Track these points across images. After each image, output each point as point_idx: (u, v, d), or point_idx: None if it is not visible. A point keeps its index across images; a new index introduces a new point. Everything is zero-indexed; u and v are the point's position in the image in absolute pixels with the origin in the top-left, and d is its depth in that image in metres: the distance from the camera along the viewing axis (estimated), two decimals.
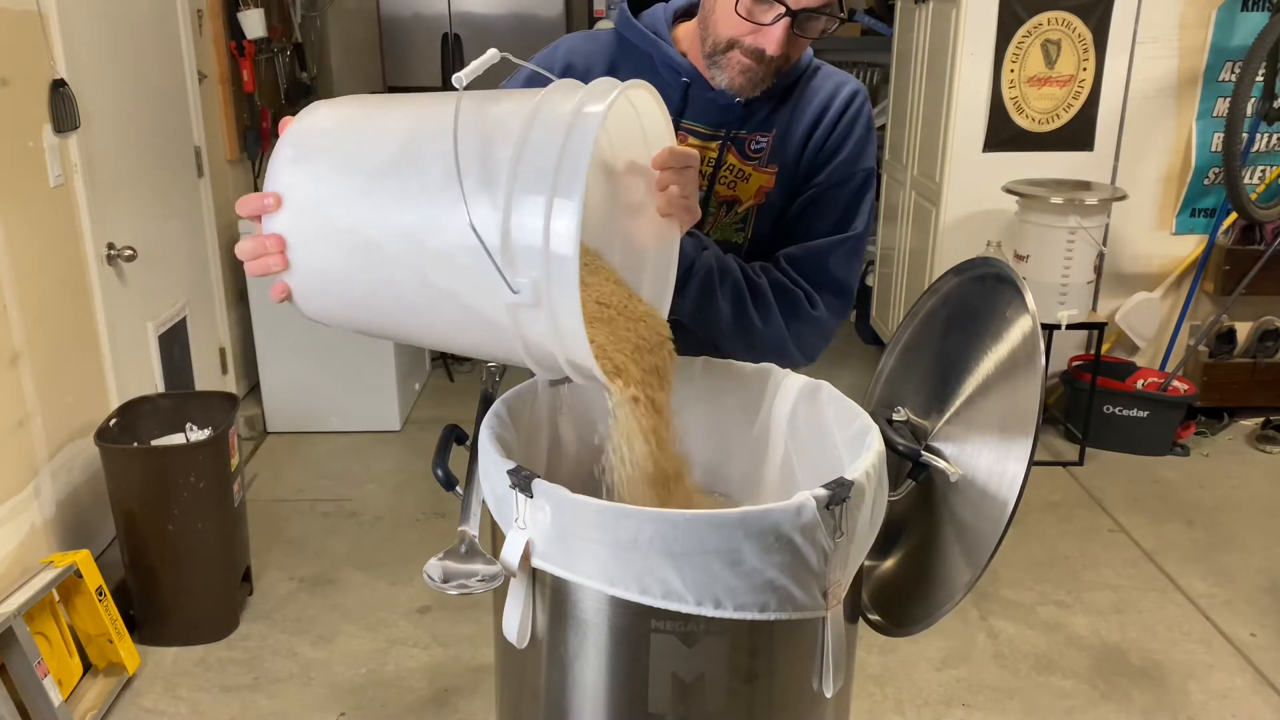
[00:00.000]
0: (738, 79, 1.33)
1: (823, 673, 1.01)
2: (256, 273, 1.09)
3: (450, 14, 5.08)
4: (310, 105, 1.13)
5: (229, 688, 2.55)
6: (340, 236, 1.04)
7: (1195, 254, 4.05)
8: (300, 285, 1.10)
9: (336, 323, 1.15)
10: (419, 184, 0.99)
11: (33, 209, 2.53)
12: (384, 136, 1.06)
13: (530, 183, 0.92)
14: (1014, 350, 1.14)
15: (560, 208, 0.91)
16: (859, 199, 1.42)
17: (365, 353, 3.92)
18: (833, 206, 1.41)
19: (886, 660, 2.66)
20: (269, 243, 1.06)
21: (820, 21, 1.28)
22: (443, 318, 1.03)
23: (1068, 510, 3.50)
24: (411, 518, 3.40)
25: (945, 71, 3.90)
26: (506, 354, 1.03)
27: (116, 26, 3.05)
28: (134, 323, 3.09)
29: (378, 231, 1.01)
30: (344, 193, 1.04)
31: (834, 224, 1.41)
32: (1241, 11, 3.76)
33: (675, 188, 1.13)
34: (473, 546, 1.03)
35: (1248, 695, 2.58)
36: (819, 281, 1.39)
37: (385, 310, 1.08)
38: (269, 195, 1.05)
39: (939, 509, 1.18)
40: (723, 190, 1.42)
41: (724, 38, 1.30)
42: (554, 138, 0.94)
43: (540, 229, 0.91)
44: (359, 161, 1.05)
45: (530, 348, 0.99)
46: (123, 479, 2.59)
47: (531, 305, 0.93)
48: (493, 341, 1.02)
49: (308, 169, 1.07)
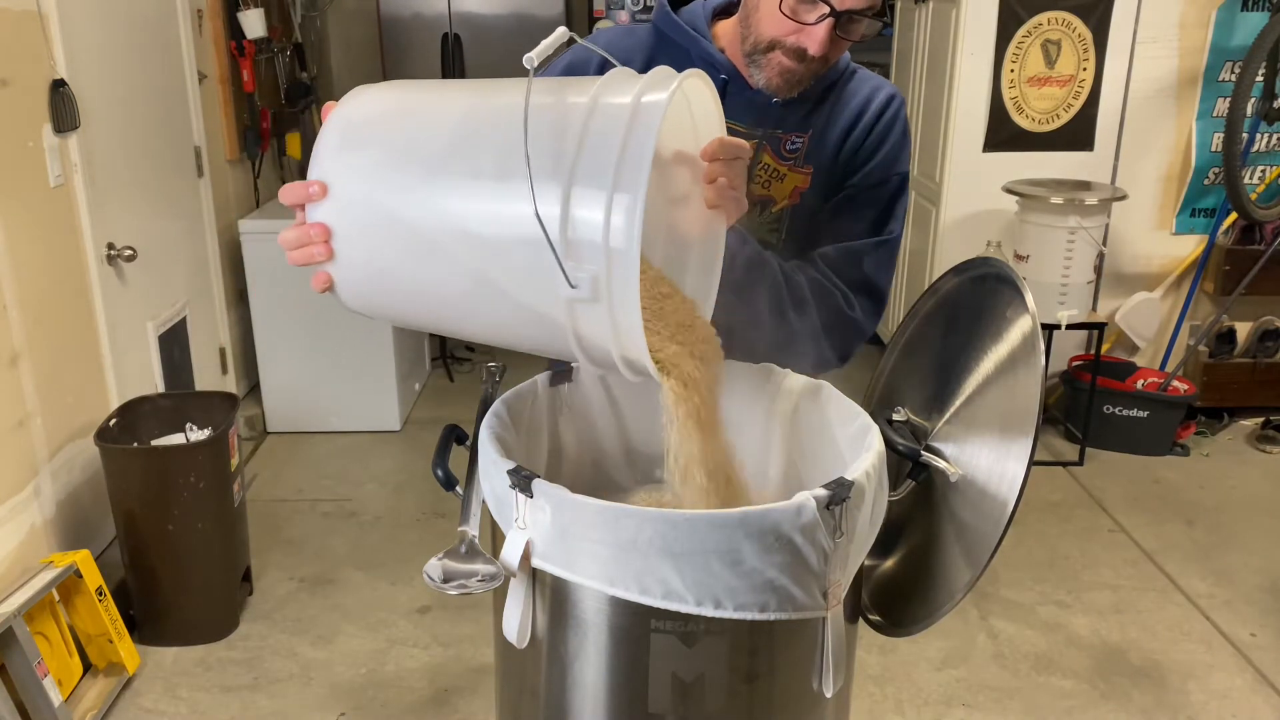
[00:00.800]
0: (776, 79, 1.32)
1: (823, 673, 1.01)
2: (299, 262, 1.06)
3: (450, 14, 5.08)
4: (354, 90, 1.10)
5: (229, 688, 2.55)
6: (389, 228, 1.02)
7: (1195, 254, 4.05)
8: (344, 276, 1.07)
9: (379, 314, 1.13)
10: (473, 176, 0.97)
11: (33, 209, 2.54)
12: (435, 125, 1.03)
13: (591, 175, 0.91)
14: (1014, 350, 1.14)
15: (621, 202, 0.89)
16: (894, 202, 1.42)
17: (365, 353, 3.92)
18: (868, 208, 1.41)
19: (886, 660, 2.66)
20: (314, 232, 1.03)
21: (862, 24, 1.28)
22: (493, 311, 1.01)
23: (1068, 510, 3.50)
24: (411, 518, 3.40)
25: (945, 71, 3.90)
26: (557, 348, 1.01)
27: (116, 26, 3.05)
28: (134, 323, 3.09)
29: (429, 224, 0.99)
30: (394, 183, 1.02)
31: (870, 226, 1.41)
32: (1241, 11, 3.76)
33: (724, 179, 1.11)
34: (473, 546, 1.03)
35: (1248, 695, 2.58)
36: (855, 282, 1.39)
37: (432, 303, 1.06)
38: (314, 184, 1.03)
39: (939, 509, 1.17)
40: (758, 189, 1.41)
41: (766, 37, 1.30)
42: (615, 129, 0.92)
43: (601, 223, 0.90)
44: (410, 151, 1.02)
45: (584, 342, 0.98)
46: (123, 479, 2.59)
47: (590, 300, 0.92)
48: (544, 336, 1.00)
49: (355, 157, 1.04)
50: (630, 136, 0.91)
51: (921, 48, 4.20)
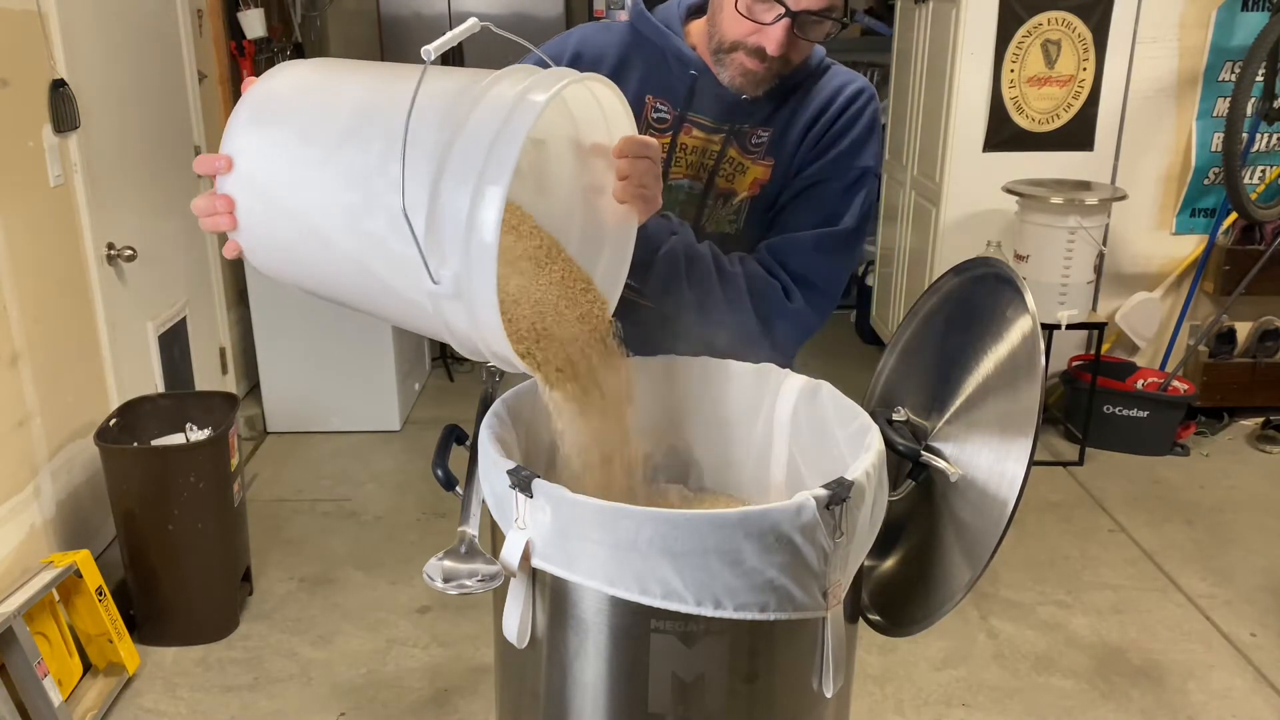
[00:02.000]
0: (739, 78, 1.35)
1: (823, 673, 1.01)
2: (208, 228, 1.12)
3: (450, 14, 5.08)
4: (275, 67, 1.13)
5: (229, 688, 2.55)
6: (282, 207, 1.06)
7: (1195, 254, 4.05)
8: (249, 245, 1.12)
9: (287, 283, 1.16)
10: (360, 163, 1.00)
11: (33, 209, 2.53)
12: (334, 110, 1.06)
13: (460, 168, 0.91)
14: (1014, 350, 1.14)
15: (485, 195, 0.90)
16: (851, 195, 1.42)
17: (365, 353, 3.92)
18: (822, 200, 1.41)
19: (886, 660, 2.66)
20: (219, 203, 1.09)
21: (825, 25, 1.30)
22: (375, 296, 1.05)
23: (1068, 510, 3.50)
24: (411, 518, 3.40)
25: (945, 71, 3.90)
26: (434, 334, 1.04)
27: (116, 26, 3.04)
28: (134, 323, 3.09)
29: (315, 207, 1.03)
30: (289, 164, 1.06)
31: (822, 218, 1.41)
32: (1241, 11, 3.76)
33: (633, 176, 1.15)
34: (473, 546, 1.03)
35: (1248, 695, 2.58)
36: (797, 274, 1.39)
37: (324, 281, 1.10)
38: (221, 157, 1.08)
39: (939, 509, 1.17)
40: (721, 183, 1.43)
41: (729, 38, 1.33)
42: (491, 124, 0.92)
43: (464, 216, 0.91)
44: (304, 133, 1.06)
45: (453, 332, 1.00)
46: (123, 479, 2.59)
47: (452, 296, 0.94)
48: (423, 323, 1.03)
49: (259, 134, 1.08)
50: (503, 130, 0.92)
51: (921, 48, 4.20)
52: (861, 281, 5.20)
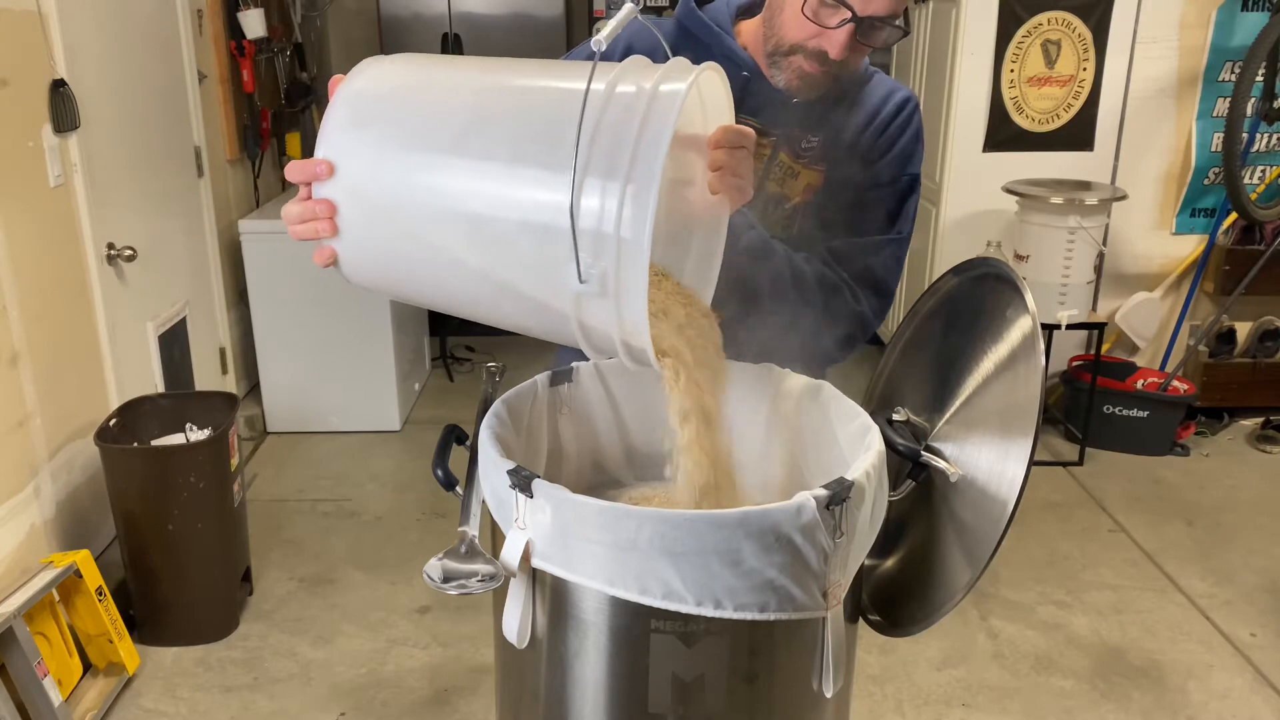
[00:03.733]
0: (796, 81, 1.34)
1: (823, 673, 1.01)
2: (303, 236, 1.06)
3: (450, 14, 5.08)
4: (364, 63, 1.08)
5: (229, 688, 2.55)
6: (395, 210, 1.01)
7: (1195, 254, 4.05)
8: (348, 253, 1.06)
9: (381, 291, 1.12)
10: (483, 161, 0.96)
11: (33, 209, 2.53)
12: (446, 106, 1.02)
13: (604, 167, 0.89)
14: (1014, 350, 1.14)
15: (635, 195, 0.88)
16: (904, 202, 1.43)
17: (365, 353, 3.92)
18: (878, 207, 1.43)
19: (886, 660, 2.66)
20: (319, 208, 1.03)
21: (884, 31, 1.29)
22: (497, 298, 1.01)
23: (1068, 510, 3.50)
24: (411, 518, 3.40)
25: (945, 71, 3.90)
26: (559, 335, 1.01)
27: (116, 26, 3.04)
28: (134, 323, 3.09)
29: (435, 208, 0.98)
30: (402, 164, 1.01)
31: (879, 224, 1.42)
32: (1241, 11, 3.76)
33: (728, 166, 1.12)
34: (473, 546, 1.03)
35: (1248, 695, 2.58)
36: (861, 277, 1.40)
37: (436, 285, 1.05)
38: (321, 163, 1.02)
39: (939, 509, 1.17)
40: (772, 187, 1.43)
41: (789, 40, 1.32)
42: (630, 120, 0.90)
43: (613, 214, 0.88)
44: (420, 131, 1.01)
45: (587, 331, 0.97)
46: (123, 479, 2.59)
47: (598, 295, 0.91)
48: (547, 323, 1.00)
49: (363, 135, 1.02)
50: (645, 127, 0.90)
51: (921, 48, 4.20)
52: None
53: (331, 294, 3.75)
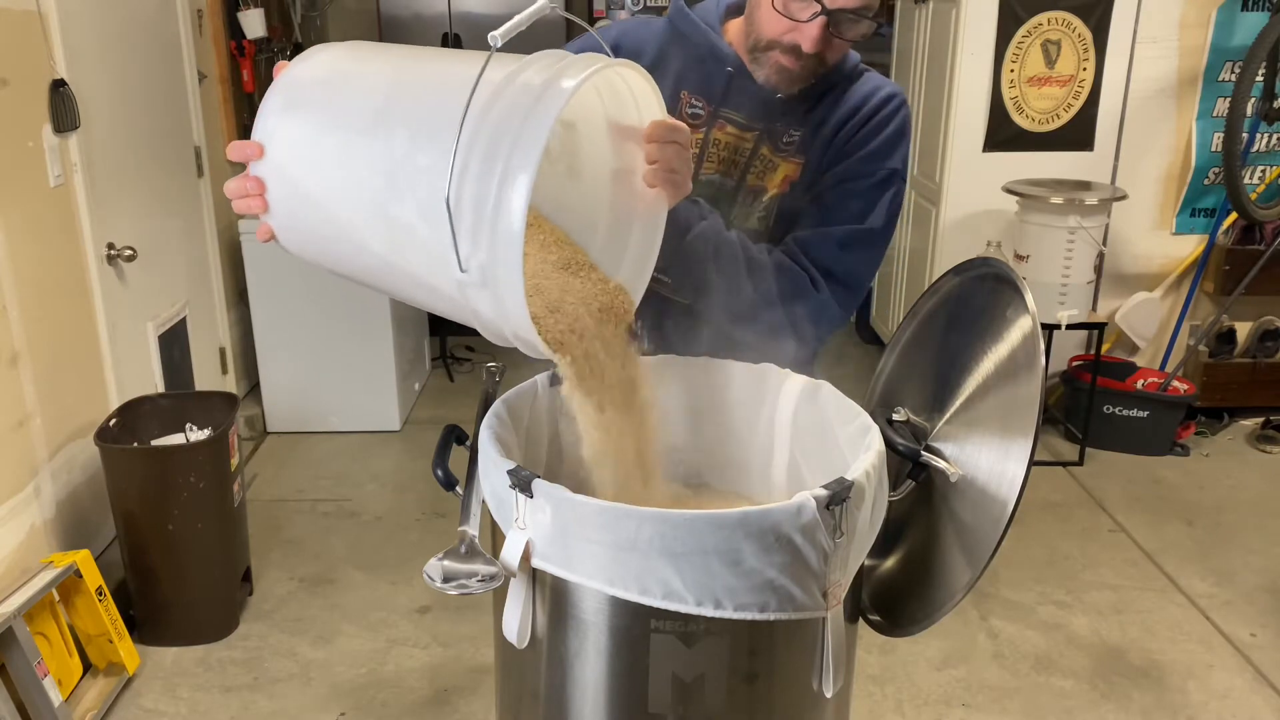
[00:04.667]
0: (774, 76, 1.37)
1: (823, 673, 1.01)
2: (240, 210, 1.13)
3: (450, 14, 5.08)
4: (307, 50, 1.13)
5: (229, 688, 2.55)
6: (313, 190, 1.07)
7: (1195, 254, 4.05)
8: (279, 226, 1.13)
9: (317, 265, 1.17)
10: (386, 149, 0.99)
11: (33, 209, 2.53)
12: (362, 97, 1.05)
13: (488, 155, 0.90)
14: (1014, 350, 1.14)
15: (512, 182, 0.89)
16: (878, 194, 1.43)
17: (365, 353, 3.92)
18: (850, 198, 1.43)
19: (886, 660, 2.66)
20: (250, 185, 1.10)
21: (860, 25, 1.31)
22: (403, 281, 1.04)
23: (1068, 510, 3.50)
24: (411, 518, 3.40)
25: (945, 71, 3.90)
26: (461, 319, 1.04)
27: (116, 26, 3.04)
28: (134, 323, 3.09)
29: (345, 191, 1.03)
30: (319, 148, 1.06)
31: (851, 215, 1.42)
32: (1241, 11, 3.76)
33: (662, 160, 1.15)
34: (473, 546, 1.03)
35: (1248, 695, 2.58)
36: (823, 267, 1.40)
37: (351, 264, 1.10)
38: (253, 144, 1.09)
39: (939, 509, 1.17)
40: (752, 179, 1.45)
41: (765, 36, 1.35)
42: (516, 111, 0.91)
43: (491, 204, 0.90)
44: (337, 119, 1.06)
45: (480, 319, 1.00)
46: (123, 479, 2.59)
47: (479, 285, 0.93)
48: (450, 309, 1.03)
49: (291, 119, 1.08)
50: (528, 119, 0.91)
51: (921, 48, 4.20)
52: None
53: (331, 294, 3.74)
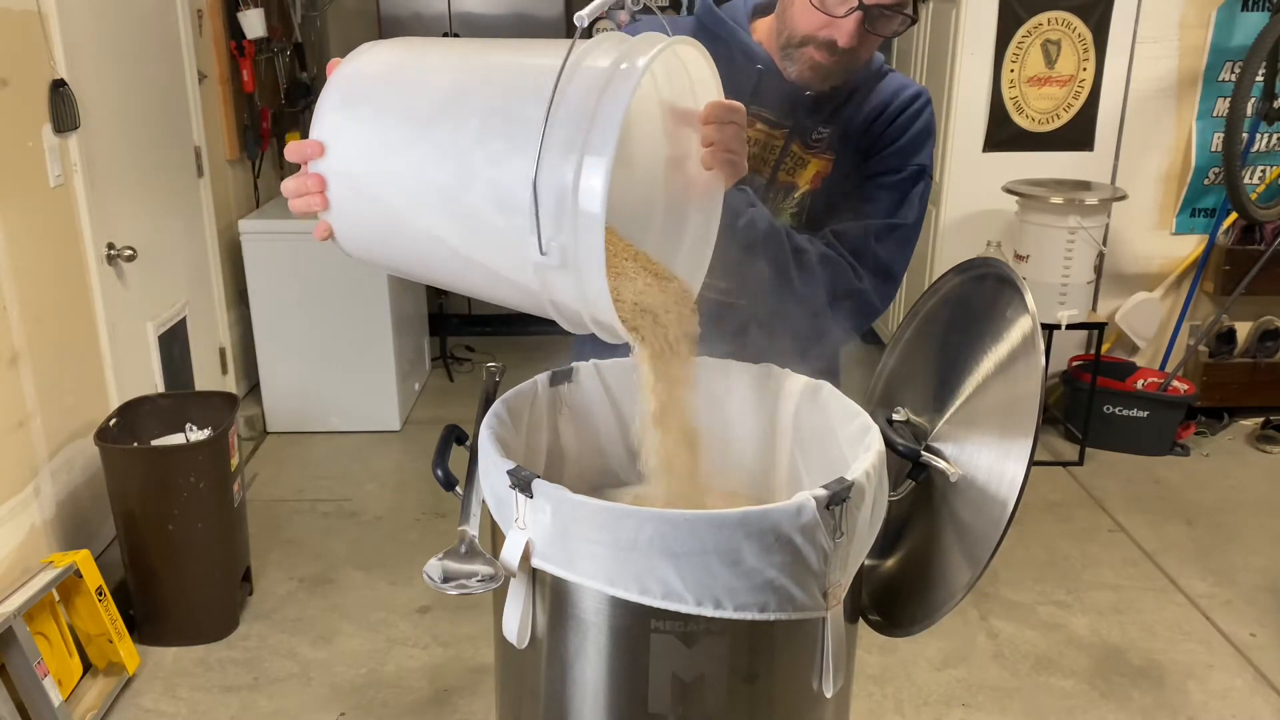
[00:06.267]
0: (807, 72, 1.38)
1: (823, 673, 1.01)
2: (299, 209, 1.10)
3: (450, 14, 5.08)
4: (361, 47, 1.12)
5: (229, 688, 2.55)
6: (378, 186, 1.05)
7: (1195, 254, 4.05)
8: (339, 225, 1.10)
9: (375, 264, 1.15)
10: (455, 138, 0.98)
11: (33, 209, 2.53)
12: (425, 86, 1.05)
13: (565, 138, 0.90)
14: (1014, 350, 1.14)
15: (590, 165, 0.89)
16: (909, 188, 1.45)
17: (365, 353, 3.92)
18: (884, 193, 1.45)
19: (886, 660, 2.66)
20: (310, 183, 1.08)
21: (894, 22, 1.32)
22: (473, 273, 1.03)
23: (1068, 510, 3.50)
24: (411, 518, 3.40)
25: (945, 71, 3.90)
26: (536, 309, 1.02)
27: (116, 26, 3.04)
28: (134, 323, 3.09)
29: (411, 186, 1.02)
30: (382, 144, 1.05)
31: (885, 211, 1.44)
32: (1241, 11, 3.76)
33: (719, 141, 1.14)
34: (473, 546, 1.03)
35: (1248, 695, 2.58)
36: (863, 257, 1.42)
37: (419, 261, 1.08)
38: (312, 143, 1.07)
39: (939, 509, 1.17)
40: (783, 176, 1.47)
41: (800, 32, 1.36)
42: (590, 93, 0.91)
43: (570, 186, 0.90)
44: (399, 112, 1.05)
45: (558, 306, 0.99)
46: (123, 479, 2.59)
47: (559, 267, 0.92)
48: (522, 299, 1.01)
49: (350, 114, 1.07)
50: (604, 99, 0.91)
51: (921, 48, 4.20)
52: None
53: (331, 294, 3.75)
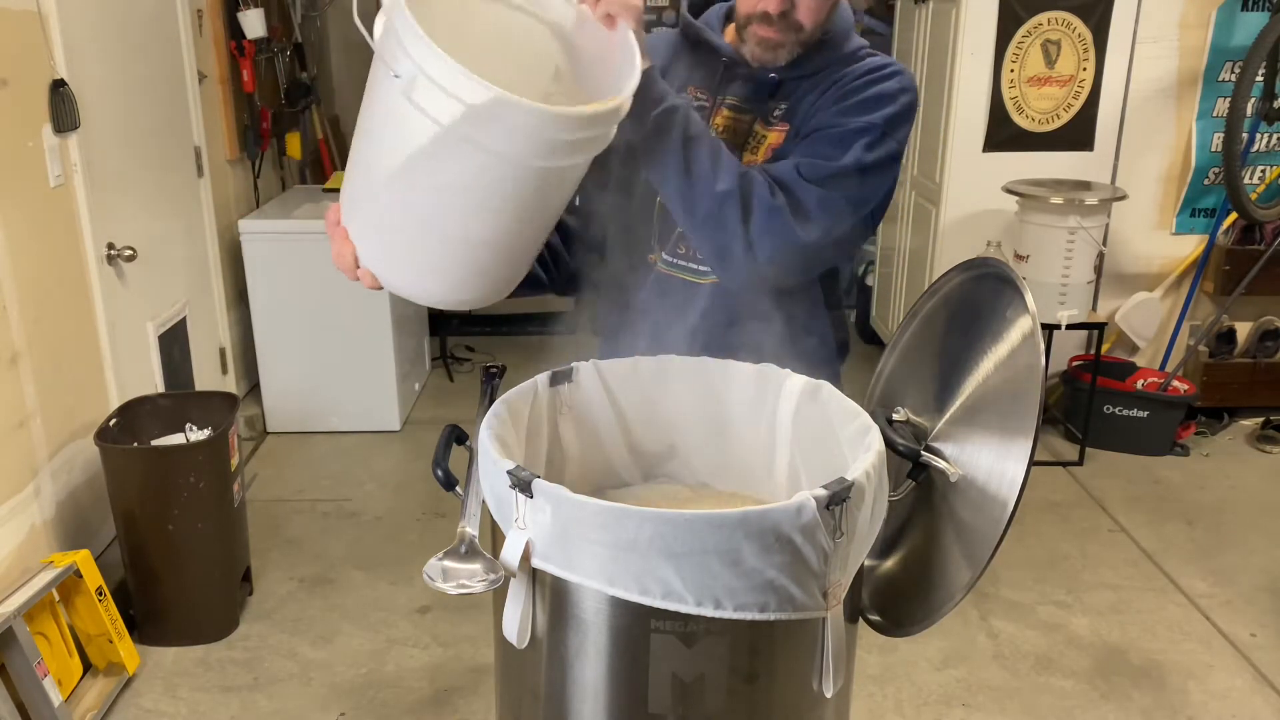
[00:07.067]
0: (758, 49, 1.43)
1: (823, 673, 1.01)
2: (342, 268, 1.25)
3: None
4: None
5: (229, 688, 2.55)
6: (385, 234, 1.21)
7: (1195, 254, 4.05)
8: (367, 258, 1.24)
9: (405, 273, 1.25)
10: (369, 129, 1.14)
11: (33, 209, 2.53)
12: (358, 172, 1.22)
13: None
14: (1014, 350, 1.14)
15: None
16: (852, 140, 1.37)
17: (365, 353, 3.92)
18: (818, 143, 1.39)
19: (886, 660, 2.66)
20: (338, 233, 1.24)
21: None
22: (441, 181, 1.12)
23: (1068, 510, 3.50)
24: (411, 518, 3.40)
25: (945, 71, 3.90)
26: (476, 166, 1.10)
27: (116, 26, 3.04)
28: (134, 323, 3.09)
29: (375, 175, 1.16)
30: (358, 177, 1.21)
31: (813, 151, 1.38)
32: (1241, 11, 3.76)
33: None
34: (473, 546, 1.03)
35: (1248, 695, 2.58)
36: (789, 183, 1.34)
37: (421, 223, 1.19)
38: (331, 209, 1.27)
39: (939, 509, 1.17)
40: (748, 156, 1.49)
41: (743, 13, 1.44)
42: None
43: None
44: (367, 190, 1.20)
45: (470, 132, 1.05)
46: (123, 479, 2.59)
47: (415, 77, 1.03)
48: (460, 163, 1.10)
49: (349, 218, 1.24)
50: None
51: (921, 48, 4.20)
52: (861, 281, 5.20)
53: (331, 294, 3.74)
